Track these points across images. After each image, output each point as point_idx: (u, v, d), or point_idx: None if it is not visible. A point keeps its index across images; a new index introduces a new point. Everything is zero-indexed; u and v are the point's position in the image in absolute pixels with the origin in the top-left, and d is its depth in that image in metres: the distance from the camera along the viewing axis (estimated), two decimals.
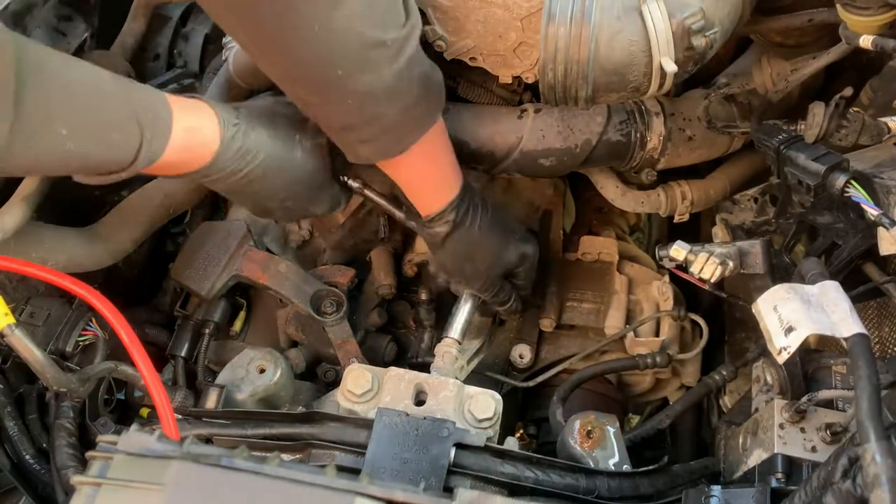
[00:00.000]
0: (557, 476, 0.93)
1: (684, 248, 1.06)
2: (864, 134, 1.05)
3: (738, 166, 1.37)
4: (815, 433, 0.92)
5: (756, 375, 1.06)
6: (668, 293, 1.32)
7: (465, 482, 0.89)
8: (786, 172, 1.05)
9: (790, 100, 1.27)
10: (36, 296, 1.21)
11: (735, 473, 1.00)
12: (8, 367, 1.17)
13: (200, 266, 1.29)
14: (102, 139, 0.85)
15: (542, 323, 1.35)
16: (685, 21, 0.91)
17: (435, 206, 1.11)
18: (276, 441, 0.95)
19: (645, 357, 1.27)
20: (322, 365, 1.34)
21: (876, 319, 1.21)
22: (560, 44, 0.94)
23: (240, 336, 1.39)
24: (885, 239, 0.95)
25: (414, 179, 1.09)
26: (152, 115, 0.88)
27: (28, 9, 1.26)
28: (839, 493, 0.71)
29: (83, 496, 0.77)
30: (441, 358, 1.16)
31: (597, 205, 1.55)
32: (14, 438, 1.11)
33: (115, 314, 0.87)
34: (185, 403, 1.16)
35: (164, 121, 0.90)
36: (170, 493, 0.75)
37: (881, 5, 0.91)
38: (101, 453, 0.79)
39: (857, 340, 0.78)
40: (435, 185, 1.11)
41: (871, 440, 0.67)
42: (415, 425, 0.92)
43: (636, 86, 0.96)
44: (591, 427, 1.02)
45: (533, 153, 1.26)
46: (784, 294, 0.87)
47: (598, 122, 1.25)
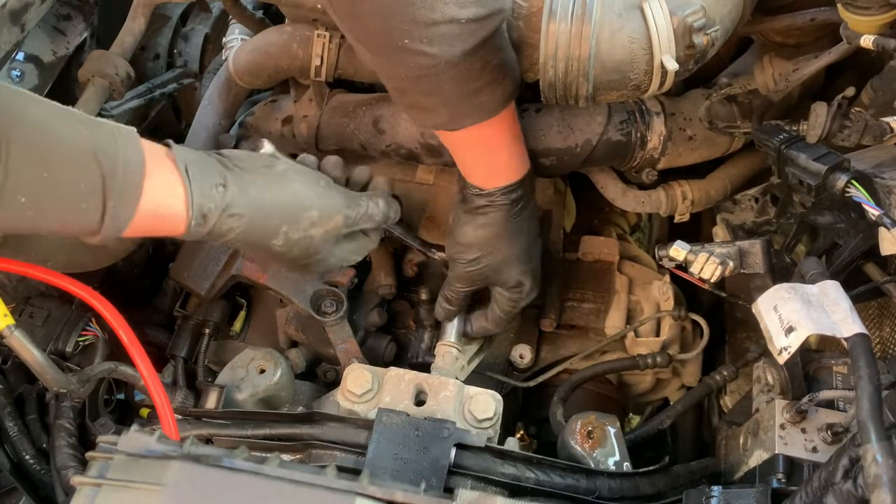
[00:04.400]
0: (558, 476, 0.93)
1: (684, 247, 1.06)
2: (866, 134, 1.05)
3: (738, 166, 1.37)
4: (815, 433, 0.92)
5: (757, 376, 1.05)
6: (669, 293, 1.32)
7: (465, 483, 0.89)
8: (787, 172, 1.04)
9: (791, 100, 1.27)
10: (36, 296, 1.21)
11: (736, 474, 1.00)
12: (8, 367, 1.17)
13: (200, 266, 1.29)
14: (67, 216, 0.80)
15: (542, 323, 1.34)
16: (686, 19, 0.91)
17: (486, 184, 1.06)
18: (276, 441, 0.95)
19: (645, 357, 1.27)
20: (322, 365, 1.33)
21: (876, 319, 1.21)
22: (561, 41, 0.94)
23: (240, 336, 1.39)
24: (885, 239, 0.95)
25: (466, 156, 1.06)
26: (120, 185, 0.81)
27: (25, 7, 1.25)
28: (840, 493, 0.71)
29: (83, 496, 0.77)
30: (441, 358, 1.16)
31: (597, 205, 1.54)
32: (14, 439, 1.11)
33: (115, 314, 0.87)
34: (185, 404, 1.16)
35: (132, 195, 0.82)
36: (170, 494, 0.75)
37: (882, 5, 0.91)
38: (101, 453, 0.80)
39: (858, 340, 0.77)
40: (489, 169, 1.06)
41: (871, 441, 0.67)
42: (415, 426, 0.92)
43: (637, 84, 0.96)
44: (592, 427, 1.02)
45: (533, 153, 1.25)
46: (784, 294, 0.87)
47: (599, 122, 1.25)
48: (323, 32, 1.27)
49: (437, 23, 0.87)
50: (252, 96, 1.50)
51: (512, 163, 1.07)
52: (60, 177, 0.78)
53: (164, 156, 0.86)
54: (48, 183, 0.77)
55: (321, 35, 1.27)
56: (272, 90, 1.50)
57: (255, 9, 1.55)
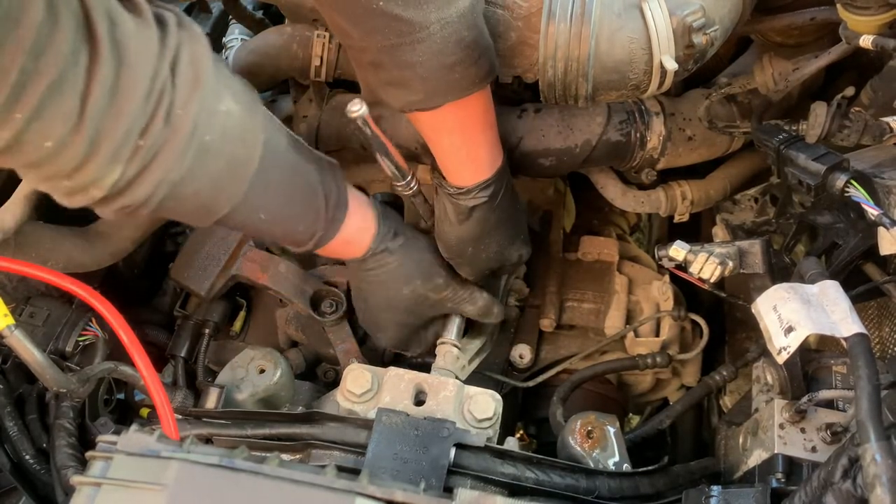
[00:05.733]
0: (558, 476, 0.93)
1: (683, 248, 1.06)
2: (866, 134, 1.05)
3: (738, 166, 1.37)
4: (815, 433, 0.92)
5: (756, 375, 1.06)
6: (669, 293, 1.32)
7: (465, 482, 0.89)
8: (786, 172, 1.05)
9: (790, 99, 1.27)
10: (36, 296, 1.21)
11: (735, 473, 1.00)
12: (8, 367, 1.17)
13: (200, 266, 1.29)
14: (288, 233, 0.99)
15: (542, 323, 1.35)
16: (686, 18, 0.91)
17: (466, 180, 1.08)
18: (276, 441, 0.95)
19: (645, 357, 1.27)
20: (322, 365, 1.33)
21: (876, 319, 1.21)
22: (560, 41, 0.94)
23: (240, 336, 1.39)
24: (885, 239, 0.95)
25: (442, 143, 1.06)
26: (331, 217, 0.99)
27: None
28: (839, 493, 0.71)
29: (83, 496, 0.77)
30: (443, 357, 1.16)
31: (597, 205, 1.54)
32: (14, 438, 1.11)
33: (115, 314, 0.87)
34: (185, 403, 1.16)
35: (338, 224, 1.00)
36: (170, 494, 0.75)
37: (881, 5, 0.91)
38: (101, 453, 0.80)
39: (857, 340, 0.77)
40: (466, 159, 1.07)
41: (871, 440, 0.67)
42: (415, 425, 0.92)
43: (636, 84, 0.96)
44: (592, 427, 1.02)
45: (533, 153, 1.26)
46: (784, 294, 0.87)
47: (598, 122, 1.25)
48: (323, 33, 1.27)
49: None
50: None
51: (491, 152, 1.07)
52: (294, 204, 0.95)
53: (363, 201, 1.05)
54: (286, 204, 0.94)
55: (321, 35, 1.27)
56: (272, 90, 1.50)
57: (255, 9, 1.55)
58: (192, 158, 0.77)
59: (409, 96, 0.97)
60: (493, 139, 1.08)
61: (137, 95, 0.71)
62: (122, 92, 0.70)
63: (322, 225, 0.98)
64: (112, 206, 0.78)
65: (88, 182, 0.74)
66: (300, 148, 0.96)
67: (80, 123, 0.68)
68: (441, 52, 0.92)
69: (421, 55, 0.91)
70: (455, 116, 1.01)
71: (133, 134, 0.72)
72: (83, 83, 0.67)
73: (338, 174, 1.01)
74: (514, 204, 1.15)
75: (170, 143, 0.75)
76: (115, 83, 0.69)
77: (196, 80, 0.76)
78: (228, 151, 0.82)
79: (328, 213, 0.98)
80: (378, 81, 0.99)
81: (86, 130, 0.69)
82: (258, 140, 0.85)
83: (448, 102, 0.97)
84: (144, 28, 0.72)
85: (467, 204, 1.08)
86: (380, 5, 0.87)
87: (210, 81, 0.77)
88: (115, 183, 0.74)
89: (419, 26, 0.89)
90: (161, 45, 0.73)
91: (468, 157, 1.06)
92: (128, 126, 0.71)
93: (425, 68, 0.93)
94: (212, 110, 0.78)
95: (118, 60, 0.69)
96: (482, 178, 1.07)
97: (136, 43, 0.70)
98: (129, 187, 0.76)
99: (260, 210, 0.90)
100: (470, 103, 1.00)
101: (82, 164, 0.71)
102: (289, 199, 0.94)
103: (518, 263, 1.24)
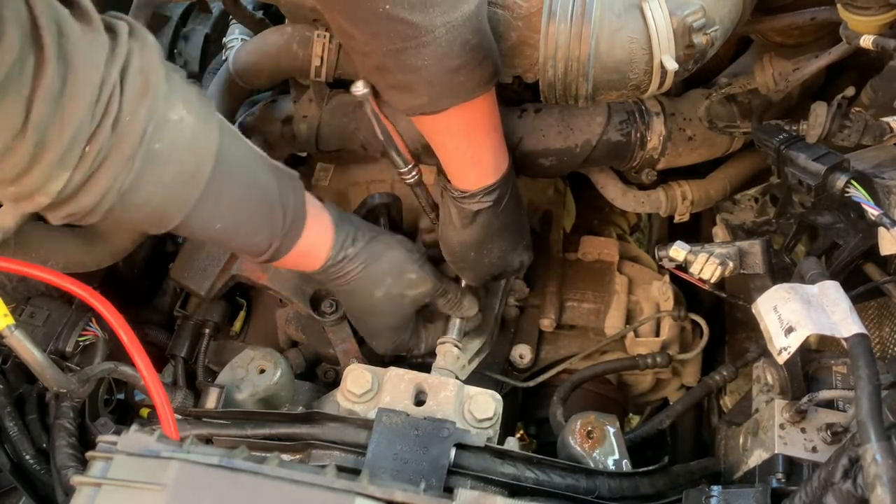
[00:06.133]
0: (558, 476, 0.93)
1: (684, 248, 1.06)
2: (866, 134, 1.05)
3: (738, 166, 1.37)
4: (815, 433, 0.92)
5: (756, 376, 1.05)
6: (669, 293, 1.32)
7: (465, 482, 0.89)
8: (786, 172, 1.05)
9: (790, 99, 1.27)
10: (36, 296, 1.21)
11: (735, 474, 1.00)
12: (8, 367, 1.17)
13: (200, 266, 1.29)
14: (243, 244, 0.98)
15: (542, 323, 1.35)
16: (686, 18, 0.91)
17: (470, 184, 1.07)
18: (276, 441, 0.95)
19: (645, 357, 1.27)
20: (322, 365, 1.33)
21: (876, 319, 1.21)
22: (560, 41, 0.94)
23: (239, 336, 1.39)
24: (885, 239, 0.95)
25: (447, 147, 1.05)
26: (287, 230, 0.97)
27: None
28: (840, 493, 0.71)
29: (83, 496, 0.77)
30: (443, 357, 1.16)
31: (597, 205, 1.54)
32: (14, 438, 1.11)
33: (115, 314, 0.87)
34: (185, 403, 1.16)
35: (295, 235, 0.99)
36: (170, 494, 0.75)
37: (882, 5, 0.91)
38: (102, 453, 0.80)
39: (858, 340, 0.77)
40: (471, 163, 1.06)
41: (871, 440, 0.67)
42: (415, 425, 0.92)
43: (637, 84, 0.96)
44: (592, 427, 1.02)
45: (533, 153, 1.25)
46: (784, 294, 0.87)
47: (599, 122, 1.25)
48: (323, 33, 1.27)
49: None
50: (252, 96, 1.50)
51: (492, 159, 1.07)
52: (249, 215, 0.94)
53: (320, 210, 1.04)
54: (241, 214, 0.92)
55: (321, 35, 1.27)
56: (272, 90, 1.50)
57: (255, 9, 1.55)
58: (140, 166, 0.78)
59: (413, 100, 0.97)
60: (498, 143, 1.07)
61: (84, 102, 0.71)
62: (68, 98, 0.70)
63: (279, 236, 0.97)
64: (59, 213, 0.79)
65: (33, 189, 0.74)
66: (258, 159, 0.95)
67: (23, 130, 0.69)
68: (446, 56, 0.91)
69: (426, 59, 0.91)
70: (460, 120, 1.00)
71: (79, 141, 0.73)
72: (28, 89, 0.68)
73: (297, 186, 1.00)
74: (518, 209, 1.14)
75: (117, 151, 0.75)
76: (61, 90, 0.69)
77: (146, 88, 0.76)
78: (179, 160, 0.82)
79: (286, 224, 0.97)
80: (382, 85, 0.99)
81: (30, 136, 0.69)
82: (211, 150, 0.85)
83: (453, 106, 0.97)
84: (93, 35, 0.73)
85: (471, 208, 1.08)
86: (386, 9, 0.86)
87: (161, 90, 0.78)
88: (61, 190, 0.75)
89: (425, 30, 0.88)
90: (110, 54, 0.74)
91: (472, 161, 1.06)
92: (73, 132, 0.72)
93: (430, 72, 0.92)
94: (162, 118, 0.79)
95: (65, 67, 0.69)
96: (487, 182, 1.06)
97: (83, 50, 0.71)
98: (76, 195, 0.76)
99: (214, 220, 0.90)
100: (474, 107, 0.99)
101: (26, 170, 0.72)
102: (244, 210, 0.92)
103: (520, 269, 1.23)
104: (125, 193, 0.79)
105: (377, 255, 1.08)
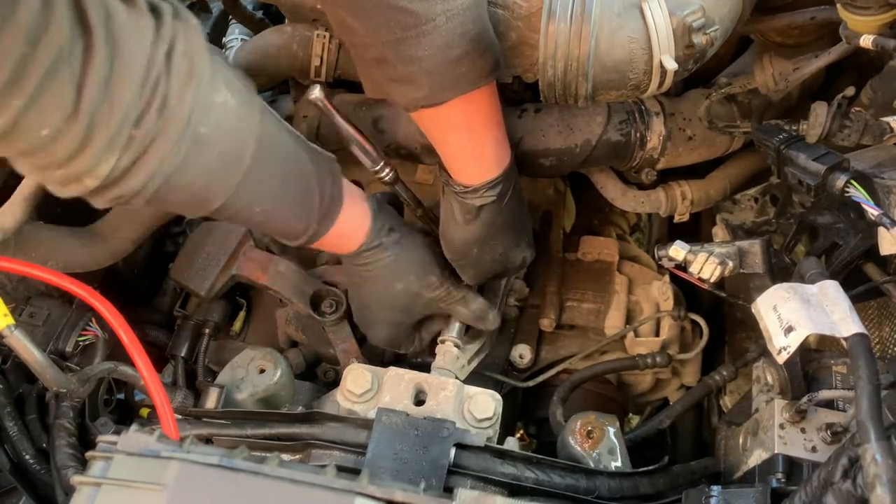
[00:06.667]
0: (558, 476, 0.93)
1: (683, 248, 1.06)
2: (866, 134, 1.05)
3: (738, 166, 1.37)
4: (815, 433, 0.92)
5: (756, 375, 1.06)
6: (669, 293, 1.32)
7: (465, 482, 0.89)
8: (786, 172, 1.05)
9: (790, 99, 1.27)
10: (36, 296, 1.21)
11: (735, 473, 1.00)
12: (8, 367, 1.17)
13: (200, 266, 1.29)
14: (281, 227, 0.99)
15: (542, 323, 1.34)
16: (686, 18, 0.91)
17: (473, 179, 1.07)
18: (276, 441, 0.95)
19: (645, 357, 1.27)
20: (322, 365, 1.33)
21: (876, 319, 1.21)
22: (560, 40, 0.94)
23: (239, 336, 1.39)
24: (885, 239, 0.95)
25: (449, 141, 1.05)
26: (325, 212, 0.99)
27: None
28: (839, 493, 0.71)
29: (83, 496, 0.77)
30: (442, 356, 1.16)
31: (597, 205, 1.54)
32: (14, 438, 1.11)
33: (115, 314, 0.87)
34: (185, 403, 1.16)
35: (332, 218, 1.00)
36: (170, 494, 0.75)
37: (881, 5, 0.91)
38: (101, 453, 0.80)
39: (857, 340, 0.77)
40: (472, 157, 1.06)
41: (871, 440, 0.67)
42: (415, 425, 0.92)
43: (636, 83, 0.96)
44: (592, 427, 1.02)
45: (533, 153, 1.25)
46: (784, 294, 0.87)
47: (598, 122, 1.25)
48: (323, 32, 1.27)
49: None
50: None
51: (494, 153, 1.06)
52: (288, 198, 0.94)
53: (359, 196, 1.05)
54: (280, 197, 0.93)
55: (321, 35, 1.27)
56: (272, 90, 1.50)
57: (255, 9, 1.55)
58: (186, 150, 0.77)
59: (414, 92, 0.97)
60: (500, 137, 1.07)
61: (132, 86, 0.71)
62: (117, 82, 0.70)
63: (316, 219, 0.98)
64: (106, 196, 0.79)
65: (82, 171, 0.74)
66: (297, 142, 0.96)
67: (75, 112, 0.69)
68: (447, 46, 0.91)
69: (426, 48, 0.91)
70: (461, 112, 1.00)
71: (127, 124, 0.72)
72: (79, 72, 0.67)
73: (335, 168, 1.00)
74: (520, 206, 1.14)
75: (164, 134, 0.75)
76: (109, 73, 0.69)
77: (191, 72, 0.76)
78: (223, 144, 0.82)
79: (322, 207, 0.98)
80: (383, 78, 0.98)
81: (81, 119, 0.69)
82: (253, 133, 0.85)
83: (454, 98, 0.97)
84: (139, 18, 0.72)
85: (474, 203, 1.07)
86: None
87: (206, 73, 0.77)
88: (109, 173, 0.75)
89: (425, 18, 0.89)
90: (156, 36, 0.73)
91: (474, 155, 1.05)
92: (122, 116, 0.71)
93: (430, 62, 0.92)
94: (207, 102, 0.78)
95: (112, 51, 0.69)
96: (490, 176, 1.06)
97: (130, 33, 0.71)
98: (123, 177, 0.76)
99: (254, 203, 0.91)
100: (476, 98, 0.99)
101: (77, 153, 0.72)
102: (283, 194, 0.93)
103: (521, 267, 1.23)
104: (170, 176, 0.78)
105: (409, 249, 1.10)
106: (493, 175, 1.06)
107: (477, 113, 1.02)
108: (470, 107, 1.00)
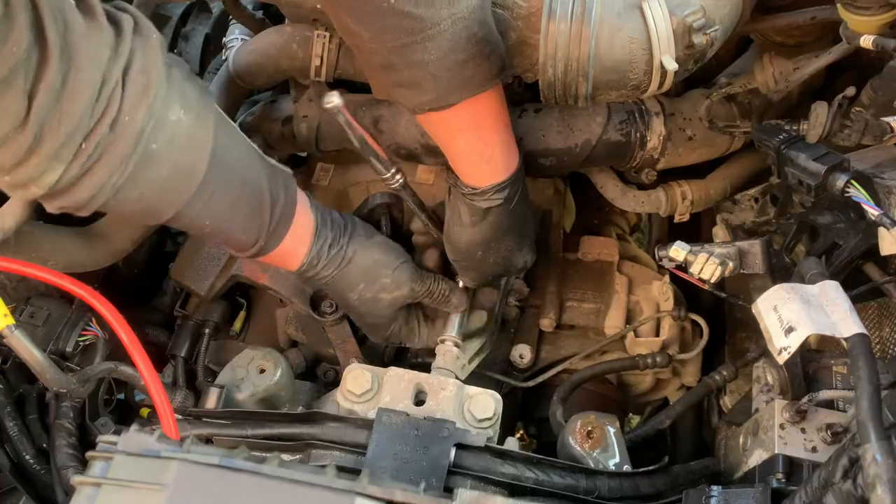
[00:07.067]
0: (558, 476, 0.93)
1: (684, 248, 1.06)
2: (867, 134, 1.05)
3: (738, 166, 1.37)
4: (815, 433, 0.92)
5: (756, 376, 1.06)
6: (669, 293, 1.32)
7: (465, 482, 0.89)
8: (786, 172, 1.04)
9: (790, 99, 1.27)
10: (36, 296, 1.21)
11: (735, 474, 1.00)
12: (8, 367, 1.17)
13: (200, 266, 1.29)
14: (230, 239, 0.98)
15: (542, 323, 1.34)
16: (686, 19, 0.91)
17: (481, 181, 1.06)
18: (276, 441, 0.95)
19: (645, 357, 1.27)
20: (322, 365, 1.33)
21: (876, 319, 1.21)
22: (560, 41, 0.94)
23: (240, 336, 1.39)
24: (885, 239, 0.95)
25: (457, 143, 1.04)
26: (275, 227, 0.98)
27: None
28: (840, 493, 0.71)
29: (83, 496, 0.78)
30: (442, 356, 1.16)
31: (597, 205, 1.54)
32: (14, 438, 1.11)
33: (115, 314, 0.87)
34: (185, 403, 1.16)
35: (280, 237, 1.00)
36: (170, 494, 0.76)
37: (882, 5, 0.91)
38: (102, 453, 0.80)
39: (858, 340, 0.77)
40: (480, 159, 1.05)
41: (871, 440, 0.67)
42: (415, 425, 0.92)
43: (636, 84, 0.96)
44: (592, 427, 1.02)
45: (533, 153, 1.25)
46: (784, 294, 0.87)
47: (598, 122, 1.25)
48: (323, 32, 1.27)
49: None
50: (252, 96, 1.50)
51: (502, 156, 1.06)
52: (238, 213, 0.94)
53: (307, 212, 1.04)
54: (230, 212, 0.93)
55: (321, 35, 1.27)
56: (272, 90, 1.50)
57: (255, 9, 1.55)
58: (135, 165, 0.79)
59: (421, 96, 0.96)
60: (509, 140, 1.06)
61: (84, 99, 0.72)
62: (69, 94, 0.71)
63: (265, 236, 0.98)
64: (53, 205, 0.81)
65: (28, 179, 0.75)
66: (252, 157, 0.96)
67: (25, 121, 0.70)
68: (453, 49, 0.91)
69: (432, 53, 0.91)
70: (469, 115, 1.00)
71: (77, 136, 0.74)
72: (32, 82, 0.69)
73: (289, 184, 1.00)
74: (526, 209, 1.14)
75: (114, 149, 0.76)
76: (62, 85, 0.70)
77: (146, 89, 0.77)
78: (174, 160, 0.83)
79: (271, 224, 0.98)
80: (389, 83, 0.98)
81: (30, 128, 0.70)
82: (206, 150, 0.86)
83: (462, 100, 0.97)
84: (98, 32, 0.73)
85: (482, 205, 1.07)
86: (391, 3, 0.86)
87: (161, 90, 0.79)
88: (55, 183, 0.76)
89: (430, 23, 0.88)
90: (113, 52, 0.74)
91: (482, 158, 1.05)
92: (72, 128, 0.73)
93: (437, 66, 0.92)
94: (161, 119, 0.79)
95: (67, 64, 0.70)
96: (498, 179, 1.05)
97: (86, 47, 0.72)
98: (71, 188, 0.78)
99: (205, 217, 0.91)
100: (483, 101, 0.99)
101: (23, 161, 0.73)
102: (233, 209, 0.93)
103: (522, 270, 1.23)
104: (119, 190, 0.80)
105: (350, 260, 1.08)
106: (502, 178, 1.06)
107: (484, 115, 1.02)
108: (477, 109, 1.00)
